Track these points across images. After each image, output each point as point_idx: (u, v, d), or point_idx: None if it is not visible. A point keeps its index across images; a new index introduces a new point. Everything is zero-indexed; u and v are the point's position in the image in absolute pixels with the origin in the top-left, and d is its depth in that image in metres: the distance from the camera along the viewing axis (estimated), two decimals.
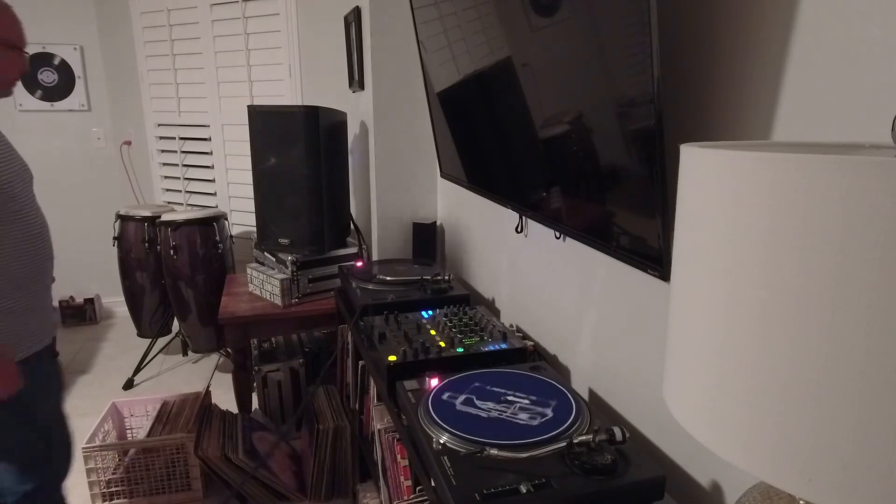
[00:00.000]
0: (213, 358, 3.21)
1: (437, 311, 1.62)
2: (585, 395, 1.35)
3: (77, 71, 3.54)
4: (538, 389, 1.18)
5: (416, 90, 2.21)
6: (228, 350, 2.33)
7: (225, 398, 2.69)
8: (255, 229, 2.37)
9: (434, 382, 1.21)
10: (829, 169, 0.39)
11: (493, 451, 0.96)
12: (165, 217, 2.77)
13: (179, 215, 2.77)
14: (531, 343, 1.43)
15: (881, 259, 0.38)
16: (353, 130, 2.68)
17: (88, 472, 2.00)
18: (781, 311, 0.43)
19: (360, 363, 1.73)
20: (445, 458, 0.96)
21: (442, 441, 1.01)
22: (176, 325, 3.00)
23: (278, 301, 2.28)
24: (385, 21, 2.12)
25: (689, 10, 0.94)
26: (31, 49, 3.42)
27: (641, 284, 1.11)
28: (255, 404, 2.48)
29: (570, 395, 1.15)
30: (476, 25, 1.38)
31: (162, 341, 3.25)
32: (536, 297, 1.56)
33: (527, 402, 1.13)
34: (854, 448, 0.41)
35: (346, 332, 1.95)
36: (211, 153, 3.22)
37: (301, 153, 2.11)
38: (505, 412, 1.09)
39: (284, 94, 2.96)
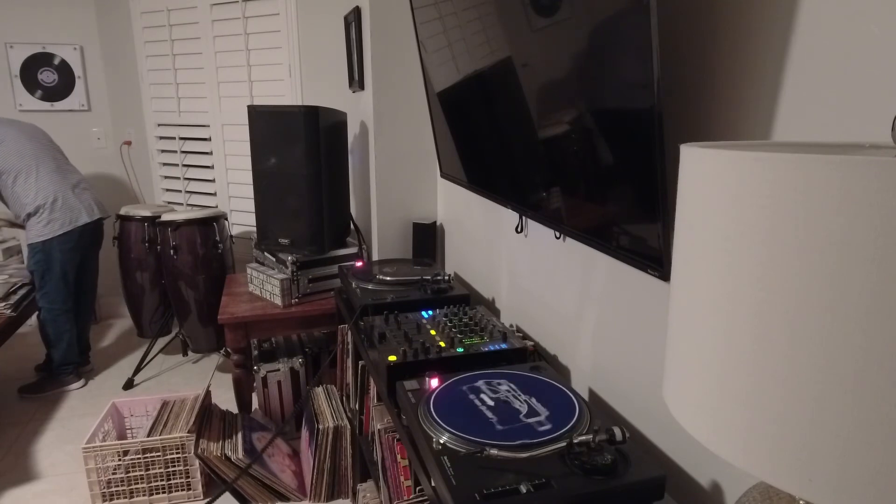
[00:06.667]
0: (213, 358, 3.21)
1: (437, 311, 1.62)
2: (585, 395, 1.34)
3: (77, 71, 3.53)
4: (538, 389, 1.18)
5: (416, 90, 2.21)
6: (228, 350, 2.32)
7: (225, 398, 2.69)
8: (255, 229, 2.37)
9: (434, 382, 1.21)
10: (829, 169, 0.39)
11: (493, 451, 0.96)
12: (165, 217, 2.77)
13: (179, 215, 2.77)
14: (531, 343, 1.43)
15: (880, 259, 0.38)
16: (353, 130, 2.68)
17: (88, 472, 2.00)
18: (781, 311, 0.43)
19: (360, 363, 1.73)
20: (445, 458, 0.96)
21: (442, 441, 1.01)
22: (176, 325, 3.00)
23: (278, 301, 2.28)
24: (385, 21, 2.12)
25: (690, 10, 0.94)
26: (31, 49, 3.42)
27: (641, 284, 1.11)
28: (255, 404, 2.48)
29: (570, 395, 1.15)
30: (476, 25, 1.37)
31: (162, 341, 3.25)
32: (536, 296, 1.56)
33: (527, 402, 1.13)
34: (853, 448, 0.41)
35: (346, 332, 1.95)
36: (211, 153, 3.22)
37: (301, 153, 2.11)
38: (505, 412, 1.09)
39: (284, 94, 2.96)
